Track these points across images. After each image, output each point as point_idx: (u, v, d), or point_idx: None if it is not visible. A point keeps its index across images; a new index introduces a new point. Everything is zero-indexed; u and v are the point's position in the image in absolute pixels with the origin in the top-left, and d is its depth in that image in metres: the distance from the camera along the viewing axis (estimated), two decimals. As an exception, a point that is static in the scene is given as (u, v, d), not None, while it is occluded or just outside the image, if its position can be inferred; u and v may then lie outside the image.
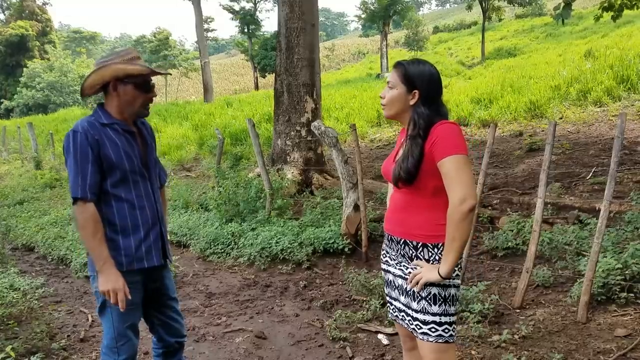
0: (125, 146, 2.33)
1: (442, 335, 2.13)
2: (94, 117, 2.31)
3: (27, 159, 14.80)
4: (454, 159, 2.00)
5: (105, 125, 2.30)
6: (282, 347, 3.81)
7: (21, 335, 3.81)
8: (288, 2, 8.31)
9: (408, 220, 2.18)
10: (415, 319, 2.17)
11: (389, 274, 2.34)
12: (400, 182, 2.13)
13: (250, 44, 44.83)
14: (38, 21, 48.38)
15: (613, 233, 4.50)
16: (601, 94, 12.47)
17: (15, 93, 40.47)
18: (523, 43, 34.87)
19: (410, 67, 2.14)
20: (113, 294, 2.23)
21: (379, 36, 46.02)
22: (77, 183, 2.19)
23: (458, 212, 1.97)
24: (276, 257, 5.55)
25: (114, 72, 2.26)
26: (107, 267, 2.24)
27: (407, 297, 2.21)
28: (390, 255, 2.32)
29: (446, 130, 2.04)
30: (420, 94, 2.12)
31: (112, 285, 2.23)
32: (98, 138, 2.24)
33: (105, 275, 2.23)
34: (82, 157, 2.20)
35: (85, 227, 2.20)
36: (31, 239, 6.96)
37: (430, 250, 2.14)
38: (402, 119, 2.21)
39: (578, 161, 7.92)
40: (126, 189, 2.33)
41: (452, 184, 1.99)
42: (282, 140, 8.53)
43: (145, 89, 2.34)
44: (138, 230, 2.36)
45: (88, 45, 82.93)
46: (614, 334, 3.42)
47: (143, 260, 2.38)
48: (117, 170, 2.29)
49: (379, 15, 38.36)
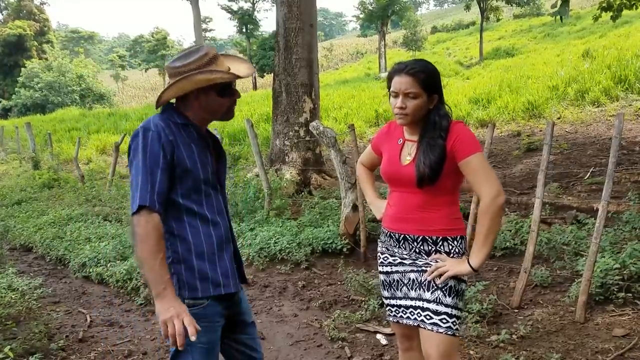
0: (200, 153, 2.01)
1: (451, 327, 2.15)
2: (166, 115, 1.99)
3: (25, 159, 14.77)
4: (478, 157, 2.08)
5: (180, 125, 1.99)
6: (281, 347, 3.82)
7: (19, 336, 3.81)
8: (286, 2, 8.31)
9: (427, 218, 2.19)
10: (427, 309, 2.18)
11: (394, 274, 2.32)
12: (426, 182, 2.13)
13: (248, 44, 44.85)
14: (36, 21, 48.29)
15: (611, 233, 4.51)
16: (599, 94, 12.50)
17: (13, 93, 40.36)
18: (521, 43, 34.91)
19: (425, 74, 2.13)
20: (178, 322, 1.80)
21: (377, 36, 46.05)
22: (145, 189, 1.83)
23: (493, 207, 2.04)
24: (275, 257, 5.55)
25: (195, 84, 1.95)
26: (169, 293, 1.83)
27: (419, 288, 2.21)
28: (399, 254, 2.30)
29: (463, 129, 2.13)
30: (440, 95, 2.18)
31: (175, 311, 1.81)
32: (172, 139, 1.92)
33: (167, 302, 1.82)
34: (152, 159, 1.86)
35: (147, 242, 1.81)
36: (29, 239, 6.96)
37: (450, 242, 2.18)
38: (417, 123, 2.21)
39: (576, 161, 7.94)
40: (198, 201, 2.00)
41: (482, 180, 2.07)
42: (280, 140, 8.53)
43: (229, 93, 2.05)
44: (212, 250, 2.00)
45: (86, 45, 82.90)
46: (612, 333, 3.43)
47: (220, 285, 1.99)
48: (189, 178, 1.96)
49: (377, 15, 38.38)
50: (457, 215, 2.21)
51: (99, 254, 5.71)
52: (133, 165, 1.89)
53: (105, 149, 16.89)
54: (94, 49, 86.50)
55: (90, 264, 5.59)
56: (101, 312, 4.68)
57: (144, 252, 1.82)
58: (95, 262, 5.60)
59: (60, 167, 12.91)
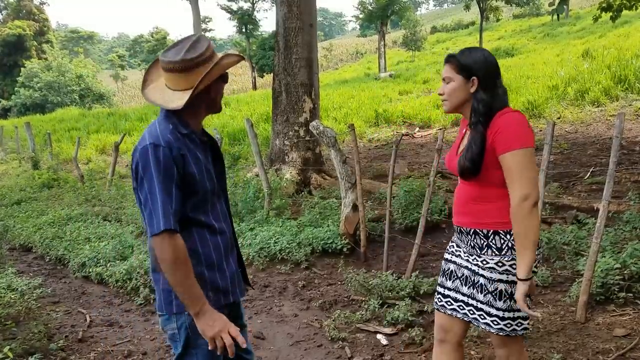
0: (206, 161, 1.94)
1: (503, 329, 2.17)
2: (171, 125, 1.86)
3: (25, 159, 14.76)
4: (516, 154, 1.99)
5: (186, 136, 1.88)
6: (281, 348, 3.81)
7: (19, 336, 3.80)
8: (286, 2, 8.30)
9: (477, 210, 2.18)
10: (480, 309, 2.21)
11: (450, 264, 2.36)
12: (466, 174, 2.13)
13: (248, 44, 44.82)
14: (35, 21, 48.29)
15: (611, 233, 4.50)
16: (599, 94, 12.50)
17: (13, 93, 40.35)
18: (521, 43, 34.92)
19: (462, 57, 2.16)
20: (226, 336, 1.82)
21: (376, 36, 46.03)
22: (165, 211, 1.75)
23: (521, 210, 1.98)
24: (275, 257, 5.54)
25: (222, 69, 1.89)
26: (208, 307, 1.83)
27: (472, 288, 2.23)
28: (462, 248, 2.32)
29: (509, 121, 2.05)
30: (479, 79, 2.12)
31: (220, 325, 1.82)
32: (184, 153, 1.83)
33: (208, 317, 1.82)
34: (166, 178, 1.77)
35: (179, 266, 1.77)
36: (29, 239, 6.95)
37: (503, 237, 2.13)
38: (465, 109, 2.20)
39: (576, 161, 7.94)
40: (205, 212, 1.94)
41: (513, 181, 2.01)
42: (280, 140, 8.52)
43: (225, 77, 1.98)
44: (221, 258, 1.98)
45: (85, 45, 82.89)
46: (612, 333, 3.42)
47: (229, 293, 2.00)
48: (199, 191, 1.89)
49: (376, 15, 38.35)
50: None
51: (98, 254, 5.70)
52: (145, 183, 1.79)
53: (104, 149, 16.88)
54: (93, 48, 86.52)
55: (90, 263, 5.58)
56: (101, 312, 4.68)
57: (178, 276, 1.79)
58: (94, 262, 5.59)
59: (60, 167, 12.89)
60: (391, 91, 20.75)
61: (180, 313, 1.90)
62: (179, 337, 1.93)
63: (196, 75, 1.82)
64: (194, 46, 1.85)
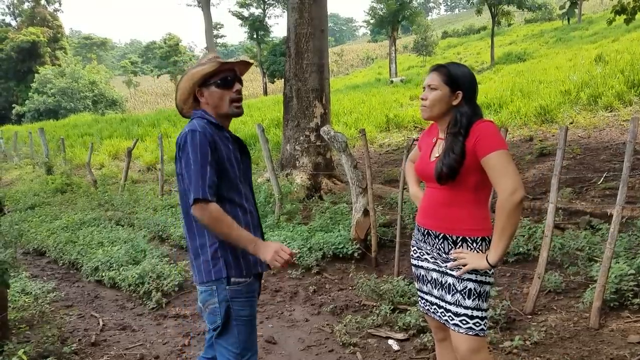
0: (234, 151, 2.28)
1: (472, 328, 2.22)
2: (205, 120, 2.23)
3: (39, 164, 14.93)
4: (499, 154, 2.11)
5: (215, 125, 2.24)
6: (292, 352, 3.81)
7: (33, 339, 3.84)
8: (297, 8, 8.34)
9: (450, 215, 2.25)
10: (448, 310, 2.27)
11: (420, 269, 2.43)
12: (443, 178, 2.20)
13: (259, 50, 45.03)
14: (49, 27, 48.86)
15: (625, 238, 4.46)
16: (612, 99, 12.38)
17: (27, 99, 40.80)
18: (533, 48, 34.71)
19: (452, 69, 2.25)
20: (283, 253, 2.12)
21: (387, 41, 46.06)
22: (198, 184, 2.08)
23: (510, 203, 2.07)
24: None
25: (190, 78, 2.25)
26: (260, 241, 2.16)
27: (441, 289, 2.30)
28: (424, 249, 2.39)
29: (488, 128, 2.17)
30: (464, 94, 2.23)
31: (273, 248, 2.12)
32: (216, 139, 2.18)
33: (262, 247, 2.14)
34: (202, 156, 2.11)
35: (217, 224, 2.09)
36: (42, 244, 7.02)
37: (470, 245, 2.22)
38: (441, 119, 2.30)
39: (589, 166, 7.87)
40: (237, 193, 2.27)
41: (501, 176, 2.10)
42: (291, 145, 8.54)
43: (227, 85, 2.26)
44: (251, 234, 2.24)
45: (99, 51, 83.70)
46: (627, 340, 3.38)
47: (257, 264, 2.27)
48: (229, 173, 2.22)
49: (387, 20, 38.35)
50: (483, 216, 2.24)
51: (111, 258, 5.74)
52: (183, 162, 2.13)
53: (117, 154, 17.01)
54: (106, 55, 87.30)
55: (103, 268, 5.63)
56: (113, 316, 4.71)
57: (225, 229, 2.10)
58: (107, 266, 5.64)
59: (73, 172, 13.02)
60: (402, 96, 20.72)
61: (219, 280, 2.18)
62: (219, 311, 2.20)
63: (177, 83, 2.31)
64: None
